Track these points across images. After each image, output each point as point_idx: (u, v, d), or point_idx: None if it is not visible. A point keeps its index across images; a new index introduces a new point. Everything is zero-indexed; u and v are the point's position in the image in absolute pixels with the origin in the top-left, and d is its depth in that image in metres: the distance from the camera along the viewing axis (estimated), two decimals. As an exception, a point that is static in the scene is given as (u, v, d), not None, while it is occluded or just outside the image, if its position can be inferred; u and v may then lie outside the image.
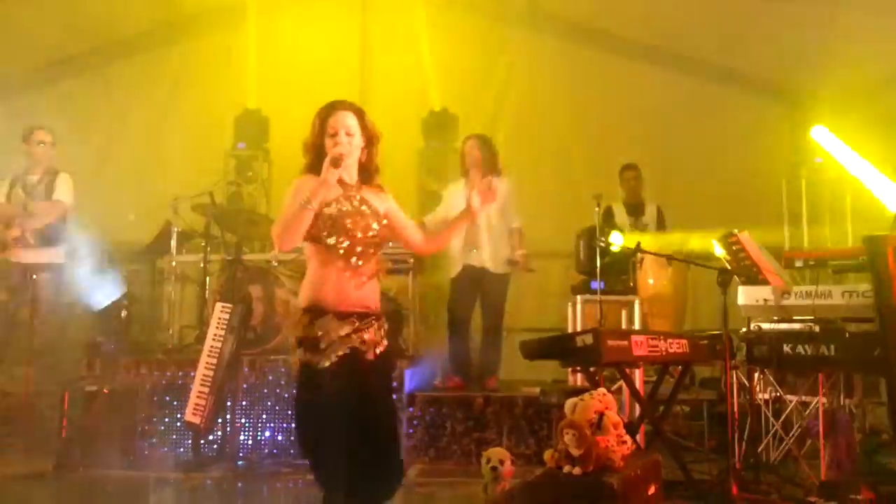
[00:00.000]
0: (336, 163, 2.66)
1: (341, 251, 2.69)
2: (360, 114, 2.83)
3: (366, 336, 2.69)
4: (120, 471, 4.63)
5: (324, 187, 2.66)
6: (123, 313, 5.49)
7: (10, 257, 5.52)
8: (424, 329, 6.10)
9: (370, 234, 2.75)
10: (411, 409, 4.95)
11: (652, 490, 3.14)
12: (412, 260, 5.64)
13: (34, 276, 5.43)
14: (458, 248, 5.33)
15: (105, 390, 4.94)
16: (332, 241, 2.69)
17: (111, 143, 7.15)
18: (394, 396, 4.59)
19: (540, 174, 6.84)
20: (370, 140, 2.84)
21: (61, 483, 4.45)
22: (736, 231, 4.06)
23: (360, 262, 2.72)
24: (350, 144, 2.76)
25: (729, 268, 4.02)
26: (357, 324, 2.68)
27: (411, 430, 4.93)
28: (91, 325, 5.58)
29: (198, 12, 7.60)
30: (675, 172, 6.82)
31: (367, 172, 2.86)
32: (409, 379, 5.10)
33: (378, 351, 2.73)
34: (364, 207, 2.78)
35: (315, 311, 2.67)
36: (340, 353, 2.63)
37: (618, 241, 5.14)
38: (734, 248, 4.02)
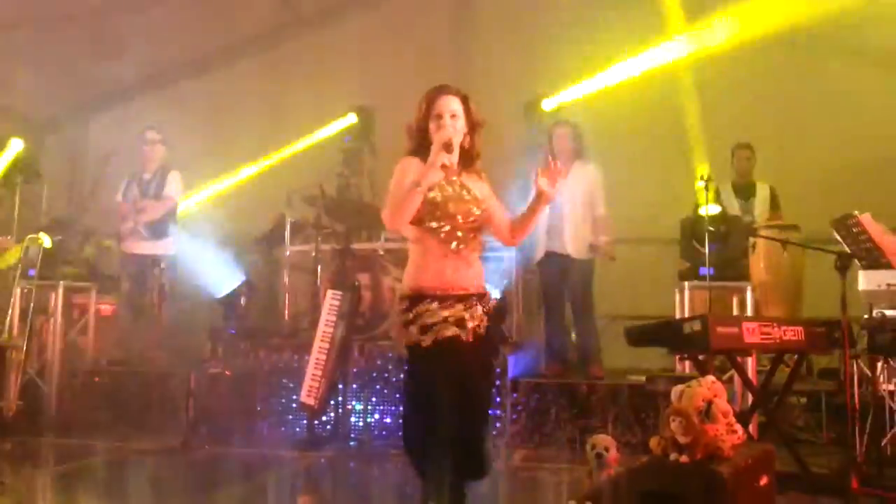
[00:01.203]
0: (448, 147, 2.72)
1: (442, 235, 2.74)
2: (465, 99, 2.87)
3: (466, 316, 2.72)
4: (241, 448, 4.90)
5: (432, 170, 2.70)
6: (243, 300, 5.81)
7: (126, 249, 6.04)
8: (527, 315, 6.11)
9: (471, 218, 2.78)
10: (515, 395, 4.99)
11: (764, 481, 3.03)
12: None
13: (157, 266, 5.90)
14: (542, 232, 5.31)
15: (227, 372, 5.28)
16: (433, 224, 2.74)
17: (231, 138, 7.59)
18: (495, 381, 4.68)
19: (639, 158, 6.65)
20: (473, 126, 2.87)
21: (188, 459, 4.72)
22: (856, 212, 3.84)
23: (462, 246, 2.76)
24: (454, 128, 2.80)
25: (849, 251, 3.82)
26: (457, 306, 2.71)
27: (515, 416, 4.97)
28: (214, 311, 5.94)
29: (309, 15, 7.98)
30: (790, 154, 6.47)
31: (469, 158, 2.90)
32: (513, 365, 5.14)
33: (479, 330, 2.76)
34: (464, 192, 2.81)
35: (413, 297, 2.73)
36: (437, 336, 2.66)
37: (714, 209, 4.97)
38: (854, 230, 3.82)
